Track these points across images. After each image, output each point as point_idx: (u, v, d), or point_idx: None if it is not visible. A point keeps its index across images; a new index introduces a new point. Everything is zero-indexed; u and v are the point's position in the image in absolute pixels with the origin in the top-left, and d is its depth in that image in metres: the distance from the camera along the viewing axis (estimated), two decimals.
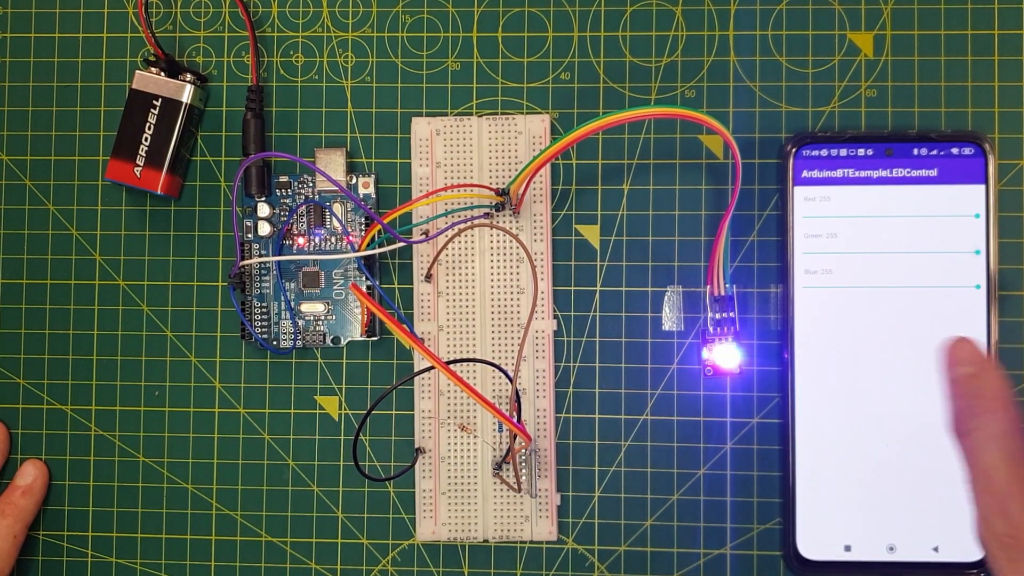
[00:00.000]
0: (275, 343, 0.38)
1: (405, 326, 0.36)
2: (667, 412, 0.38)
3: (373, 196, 0.38)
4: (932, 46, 0.38)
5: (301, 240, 0.38)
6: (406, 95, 0.39)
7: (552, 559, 0.38)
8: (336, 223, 0.38)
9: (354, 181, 0.38)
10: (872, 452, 0.36)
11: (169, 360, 0.39)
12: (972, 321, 0.36)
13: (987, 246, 0.36)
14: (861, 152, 0.36)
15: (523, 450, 0.35)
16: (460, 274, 0.38)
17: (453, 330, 0.38)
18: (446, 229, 0.37)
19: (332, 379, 0.39)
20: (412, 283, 0.38)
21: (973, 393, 0.29)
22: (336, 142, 0.39)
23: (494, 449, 0.37)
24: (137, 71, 0.38)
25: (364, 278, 0.38)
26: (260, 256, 0.38)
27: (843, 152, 0.36)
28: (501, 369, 0.36)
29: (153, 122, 0.37)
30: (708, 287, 0.36)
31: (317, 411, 0.39)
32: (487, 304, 0.38)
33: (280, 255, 0.38)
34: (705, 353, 0.37)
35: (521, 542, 0.38)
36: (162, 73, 0.37)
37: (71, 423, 0.39)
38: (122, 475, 0.39)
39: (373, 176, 0.38)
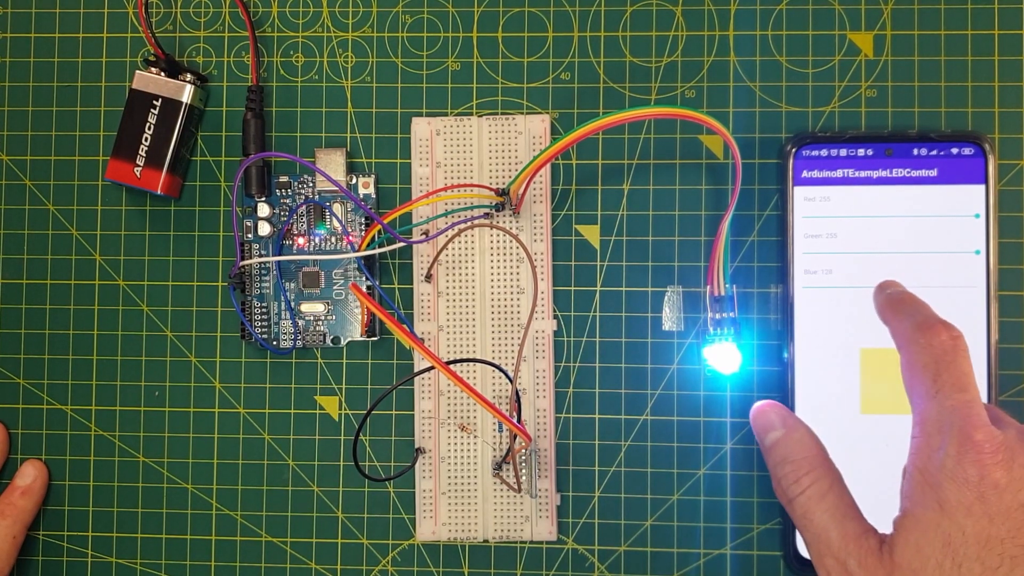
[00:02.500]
0: (275, 343, 0.38)
1: (405, 326, 0.36)
2: (667, 412, 0.38)
3: (373, 196, 0.38)
4: (932, 46, 0.38)
5: (301, 240, 0.38)
6: (406, 95, 0.39)
7: (552, 559, 0.38)
8: (336, 223, 0.38)
9: (354, 181, 0.38)
10: (872, 452, 0.36)
11: (169, 360, 0.39)
12: (972, 321, 0.36)
13: (987, 246, 0.36)
14: (861, 152, 0.36)
15: (523, 450, 0.35)
16: (460, 274, 0.38)
17: (453, 330, 0.38)
18: (446, 229, 0.37)
19: (332, 379, 0.39)
20: (412, 283, 0.38)
21: (788, 457, 0.30)
22: (336, 142, 0.39)
23: (494, 449, 0.37)
24: (137, 71, 0.38)
25: (364, 278, 0.38)
26: (260, 256, 0.38)
27: (843, 152, 0.37)
28: (501, 369, 0.36)
29: (153, 122, 0.37)
30: (708, 287, 0.36)
31: (317, 411, 0.39)
32: (487, 304, 0.38)
33: (280, 255, 0.38)
34: (705, 353, 0.37)
35: (521, 542, 0.38)
36: (162, 73, 0.37)
37: (71, 423, 0.39)
38: (122, 475, 0.39)
39: (373, 176, 0.38)
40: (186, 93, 0.37)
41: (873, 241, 0.36)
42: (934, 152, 0.36)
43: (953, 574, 0.25)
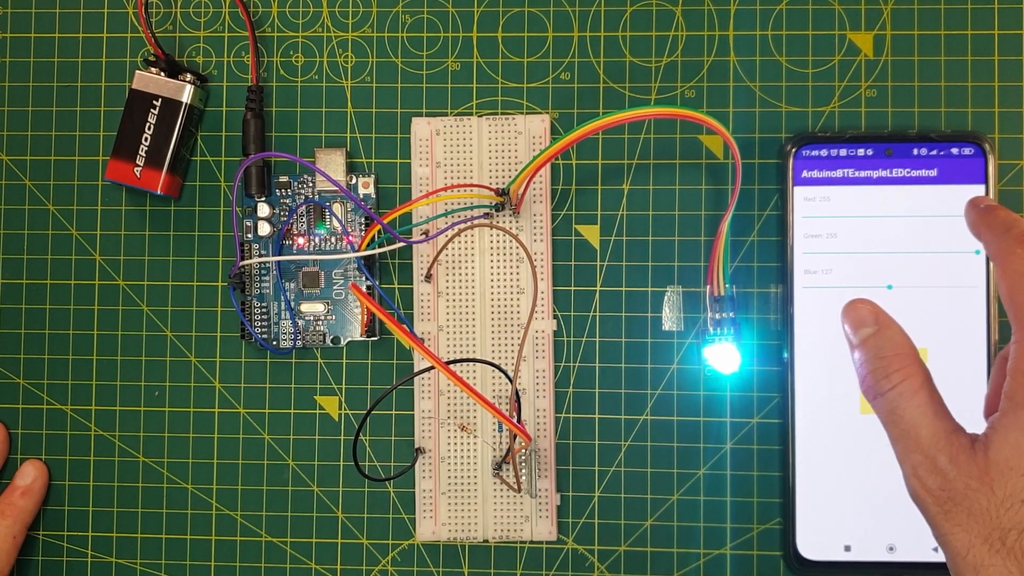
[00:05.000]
0: (275, 343, 0.38)
1: (405, 326, 0.36)
2: (667, 412, 0.38)
3: (373, 196, 0.38)
4: (932, 46, 0.38)
5: (301, 240, 0.38)
6: (406, 95, 0.39)
7: (552, 559, 0.38)
8: (336, 223, 0.38)
9: (354, 181, 0.38)
10: (872, 452, 0.36)
11: (169, 360, 0.39)
12: (972, 321, 0.36)
13: None
14: (861, 152, 0.36)
15: (523, 450, 0.35)
16: (460, 274, 0.38)
17: (453, 330, 0.38)
18: (446, 229, 0.37)
19: (332, 379, 0.39)
20: (412, 283, 0.38)
21: (881, 353, 0.29)
22: (336, 142, 0.39)
23: (494, 449, 0.37)
24: (137, 71, 0.38)
25: (364, 278, 0.38)
26: (260, 256, 0.38)
27: (843, 152, 0.37)
28: (501, 369, 0.36)
29: (153, 122, 0.37)
30: (708, 287, 0.36)
31: (317, 411, 0.39)
32: (487, 304, 0.38)
33: (280, 255, 0.38)
34: (705, 353, 0.37)
35: (521, 542, 0.38)
36: (162, 73, 0.37)
37: (71, 423, 0.39)
38: (122, 475, 0.39)
39: (373, 176, 0.38)
40: (186, 93, 0.37)
41: (873, 241, 0.36)
42: (934, 152, 0.36)
43: None
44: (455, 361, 0.37)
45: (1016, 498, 0.25)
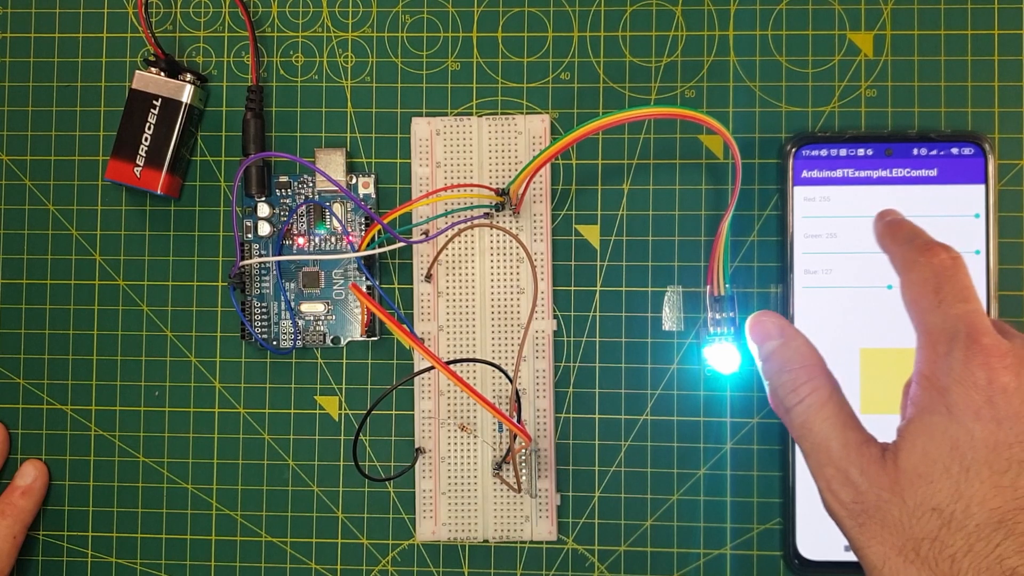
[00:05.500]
0: (275, 343, 0.38)
1: (405, 326, 0.36)
2: (667, 412, 0.38)
3: (373, 196, 0.38)
4: (932, 46, 0.38)
5: (301, 240, 0.38)
6: (406, 95, 0.39)
7: (552, 559, 0.38)
8: (336, 223, 0.38)
9: (354, 181, 0.38)
10: None
11: (169, 360, 0.39)
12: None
13: (987, 246, 0.36)
14: (861, 152, 0.36)
15: (523, 450, 0.35)
16: (460, 274, 0.38)
17: (453, 330, 0.38)
18: (446, 229, 0.37)
19: (332, 379, 0.39)
20: (412, 283, 0.38)
21: (787, 366, 0.29)
22: (336, 142, 0.39)
23: (494, 449, 0.37)
24: (137, 71, 0.38)
25: (364, 278, 0.38)
26: (260, 256, 0.38)
27: (843, 152, 0.37)
28: (501, 369, 0.36)
29: (153, 122, 0.37)
30: (708, 287, 0.36)
31: (317, 411, 0.39)
32: (487, 304, 0.38)
33: (280, 255, 0.38)
34: (705, 353, 0.37)
35: (521, 542, 0.38)
36: (162, 73, 0.37)
37: (71, 423, 0.39)
38: (122, 475, 0.39)
39: (373, 176, 0.38)
40: (186, 93, 0.37)
41: (873, 241, 0.36)
42: (934, 152, 0.36)
43: (961, 478, 0.25)
44: (455, 361, 0.37)
45: (926, 506, 0.25)
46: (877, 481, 0.26)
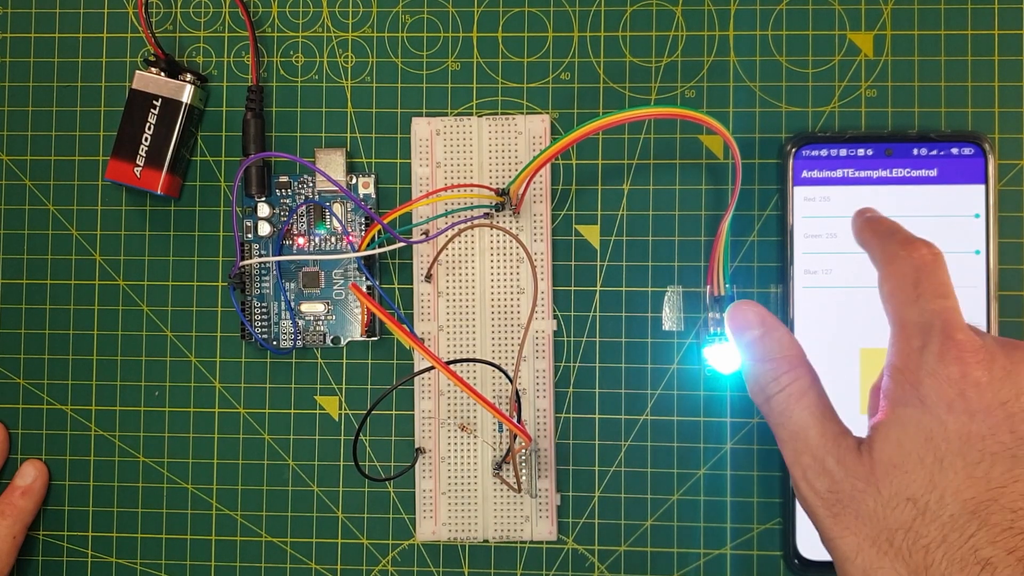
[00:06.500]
0: (275, 343, 0.38)
1: (405, 326, 0.36)
2: (667, 412, 0.38)
3: (373, 196, 0.38)
4: (932, 46, 0.38)
5: (301, 240, 0.38)
6: (406, 95, 0.39)
7: (552, 559, 0.38)
8: (336, 223, 0.38)
9: (354, 181, 0.38)
10: None
11: (169, 360, 0.39)
12: (972, 321, 0.36)
13: (987, 246, 0.36)
14: (861, 152, 0.36)
15: (523, 450, 0.35)
16: (460, 274, 0.38)
17: (453, 330, 0.38)
18: (446, 229, 0.37)
19: (332, 379, 0.39)
20: (412, 283, 0.38)
21: (768, 355, 0.29)
22: (336, 142, 0.39)
23: (494, 449, 0.37)
24: (137, 71, 0.38)
25: (364, 278, 0.38)
26: (260, 256, 0.38)
27: (843, 152, 0.37)
28: (501, 369, 0.36)
29: (153, 122, 0.37)
30: (708, 287, 0.36)
31: (317, 411, 0.39)
32: (487, 304, 0.38)
33: (280, 255, 0.38)
34: (705, 353, 0.37)
35: (521, 542, 0.38)
36: (162, 73, 0.37)
37: (71, 423, 0.39)
38: (122, 475, 0.39)
39: (373, 176, 0.38)
40: (186, 93, 0.37)
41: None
42: (934, 152, 0.36)
43: (935, 468, 0.25)
44: (455, 361, 0.37)
45: (901, 496, 0.25)
46: (853, 471, 0.26)
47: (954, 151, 0.36)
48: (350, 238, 0.38)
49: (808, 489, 0.27)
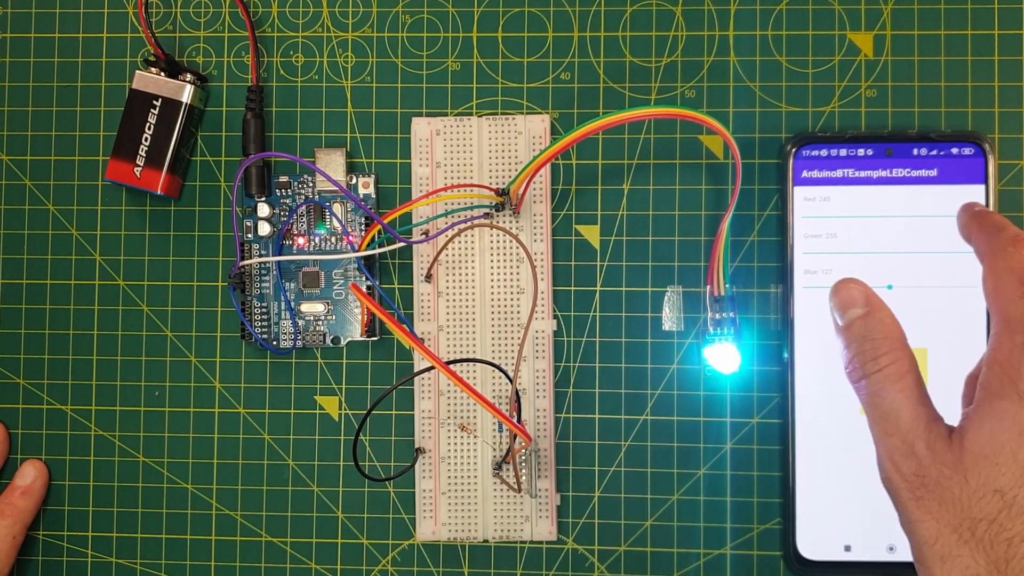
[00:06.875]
0: (275, 343, 0.38)
1: (405, 326, 0.36)
2: (667, 412, 0.38)
3: (373, 196, 0.38)
4: (932, 46, 0.38)
5: (301, 240, 0.38)
6: (406, 95, 0.39)
7: (552, 559, 0.38)
8: (336, 223, 0.38)
9: (354, 181, 0.38)
10: (872, 452, 0.36)
11: (169, 360, 0.39)
12: (972, 321, 0.36)
13: None
14: (861, 152, 0.36)
15: (523, 450, 0.35)
16: (460, 274, 0.38)
17: (453, 330, 0.38)
18: (446, 229, 0.37)
19: (332, 379, 0.39)
20: (412, 283, 0.38)
21: (870, 335, 0.29)
22: (336, 142, 0.39)
23: (494, 449, 0.37)
24: (137, 71, 0.38)
25: (364, 278, 0.38)
26: (260, 256, 0.38)
27: (843, 152, 0.37)
28: (501, 369, 0.36)
29: (153, 122, 0.37)
30: (708, 287, 0.36)
31: (317, 411, 0.39)
32: (487, 304, 0.38)
33: (280, 255, 0.38)
34: (705, 353, 0.37)
35: (521, 542, 0.38)
36: (162, 73, 0.37)
37: (71, 423, 0.39)
38: (122, 475, 0.39)
39: (373, 176, 0.38)
40: (186, 93, 0.37)
41: (873, 241, 0.36)
42: (934, 152, 0.36)
43: None
44: (455, 361, 0.37)
45: (989, 487, 0.25)
46: (941, 457, 0.26)
47: (954, 151, 0.36)
48: (350, 238, 0.38)
49: (894, 470, 0.27)
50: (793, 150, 0.37)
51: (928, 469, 0.26)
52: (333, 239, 0.38)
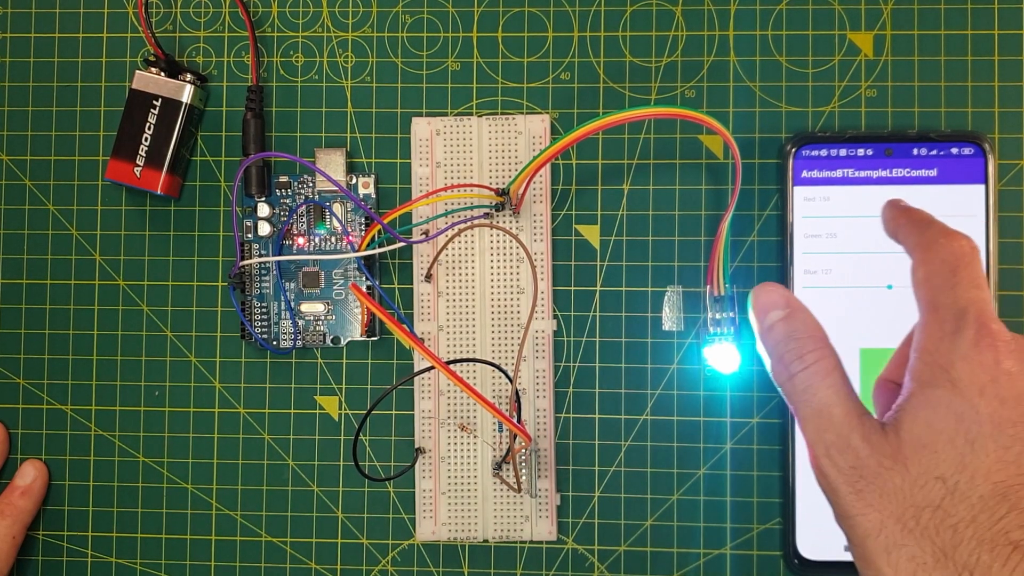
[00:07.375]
0: (275, 343, 0.38)
1: (405, 326, 0.36)
2: (667, 412, 0.38)
3: (373, 196, 0.38)
4: (932, 46, 0.38)
5: (301, 240, 0.38)
6: (406, 95, 0.39)
7: (552, 559, 0.38)
8: (336, 223, 0.38)
9: (354, 181, 0.38)
10: None
11: (169, 360, 0.39)
12: None
13: (987, 246, 0.36)
14: (861, 152, 0.36)
15: (523, 450, 0.35)
16: (460, 274, 0.38)
17: (453, 330, 0.38)
18: (446, 229, 0.37)
19: (332, 379, 0.39)
20: (412, 283, 0.38)
21: (792, 335, 0.29)
22: (336, 142, 0.39)
23: (494, 449, 0.37)
24: (137, 71, 0.38)
25: (364, 278, 0.38)
26: (260, 256, 0.38)
27: (843, 152, 0.37)
28: (501, 369, 0.36)
29: (153, 122, 0.37)
30: (708, 287, 0.36)
31: (317, 411, 0.39)
32: (487, 304, 0.38)
33: (280, 255, 0.38)
34: (705, 353, 0.37)
35: (521, 542, 0.38)
36: (162, 73, 0.37)
37: (71, 423, 0.39)
38: (122, 475, 0.39)
39: (373, 176, 0.38)
40: (186, 93, 0.37)
41: (873, 241, 0.36)
42: (934, 152, 0.36)
43: (966, 450, 0.25)
44: (455, 361, 0.37)
45: (930, 475, 0.25)
46: (879, 448, 0.26)
47: (954, 151, 0.36)
48: (350, 238, 0.38)
49: (830, 466, 0.27)
50: (793, 150, 0.37)
51: (866, 461, 0.26)
52: (333, 239, 0.38)
